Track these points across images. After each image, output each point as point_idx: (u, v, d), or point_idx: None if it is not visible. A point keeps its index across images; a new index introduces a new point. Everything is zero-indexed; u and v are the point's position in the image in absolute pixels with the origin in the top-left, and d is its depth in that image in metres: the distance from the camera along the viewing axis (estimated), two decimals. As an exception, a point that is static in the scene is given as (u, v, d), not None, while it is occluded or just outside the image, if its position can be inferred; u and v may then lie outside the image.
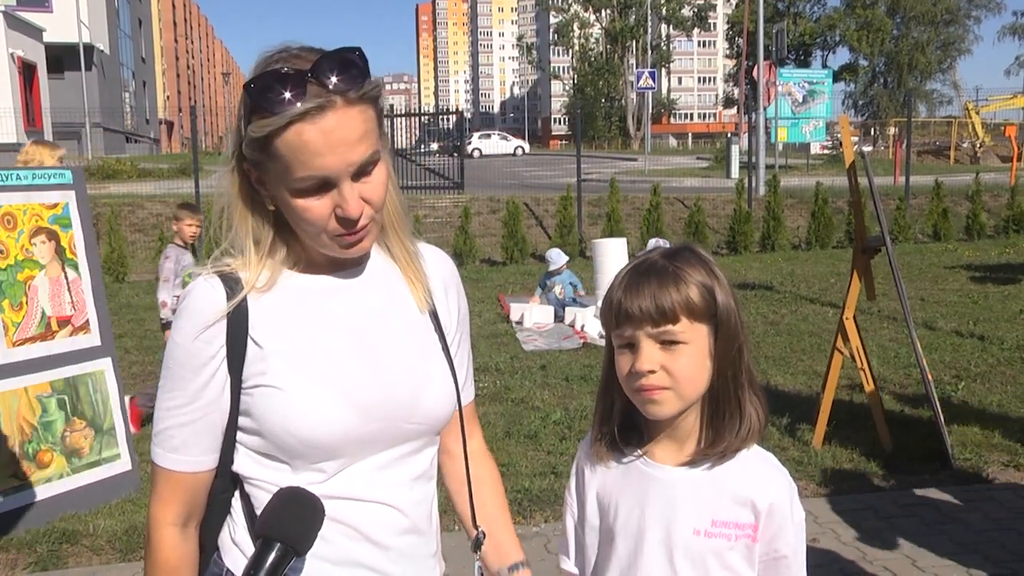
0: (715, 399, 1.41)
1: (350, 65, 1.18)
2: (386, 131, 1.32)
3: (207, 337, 1.24)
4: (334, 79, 1.16)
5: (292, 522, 1.16)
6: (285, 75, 1.16)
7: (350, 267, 1.34)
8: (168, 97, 71.44)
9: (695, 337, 1.35)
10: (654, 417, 1.42)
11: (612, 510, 1.50)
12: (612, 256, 9.07)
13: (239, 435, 1.28)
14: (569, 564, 1.63)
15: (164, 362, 1.28)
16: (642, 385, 1.36)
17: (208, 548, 1.34)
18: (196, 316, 1.25)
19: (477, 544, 1.47)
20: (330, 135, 1.16)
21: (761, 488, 1.43)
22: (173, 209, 6.50)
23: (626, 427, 1.47)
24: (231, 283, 1.26)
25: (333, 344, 1.28)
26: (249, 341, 1.25)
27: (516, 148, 48.95)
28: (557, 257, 9.24)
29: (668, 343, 1.34)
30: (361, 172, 1.21)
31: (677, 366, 1.35)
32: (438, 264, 1.46)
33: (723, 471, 1.45)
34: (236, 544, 1.31)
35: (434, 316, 1.41)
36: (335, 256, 1.28)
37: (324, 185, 1.19)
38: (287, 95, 1.15)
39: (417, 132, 22.36)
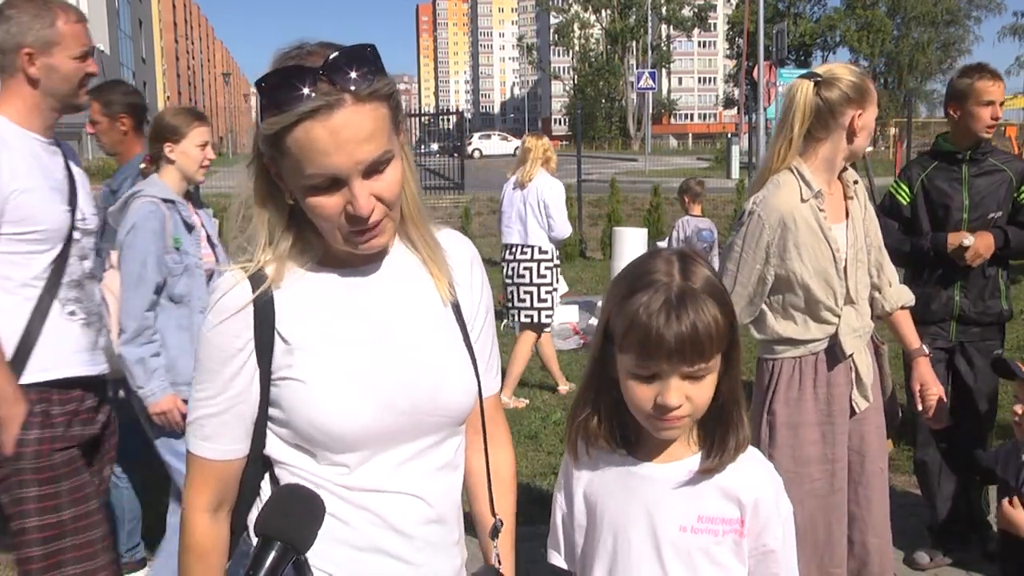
0: (717, 414, 1.41)
1: (362, 62, 1.18)
2: (406, 128, 1.32)
3: (234, 331, 1.27)
4: (344, 76, 1.16)
5: (291, 520, 1.16)
6: (294, 72, 1.15)
7: (372, 261, 1.34)
8: (168, 97, 71.45)
9: (715, 365, 1.36)
10: (666, 439, 1.44)
11: (599, 507, 1.51)
12: (632, 246, 9.06)
13: (270, 424, 1.31)
14: (559, 559, 1.64)
15: (195, 355, 1.32)
16: (666, 417, 1.36)
17: (239, 531, 1.36)
18: (223, 312, 1.27)
19: (495, 532, 1.48)
20: (338, 134, 1.16)
21: (746, 483, 1.44)
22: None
23: (612, 425, 1.48)
24: (257, 278, 1.28)
25: (356, 338, 1.29)
26: (276, 335, 1.27)
27: (516, 149, 48.87)
28: None
29: (695, 377, 1.35)
30: (372, 170, 1.21)
31: (698, 395, 1.36)
32: (460, 249, 1.46)
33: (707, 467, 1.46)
34: None
35: (456, 308, 1.41)
36: (352, 252, 1.29)
37: (334, 183, 1.20)
38: (295, 93, 1.14)
39: (417, 132, 22.36)
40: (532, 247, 5.98)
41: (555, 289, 6.11)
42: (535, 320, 6.04)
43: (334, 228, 1.24)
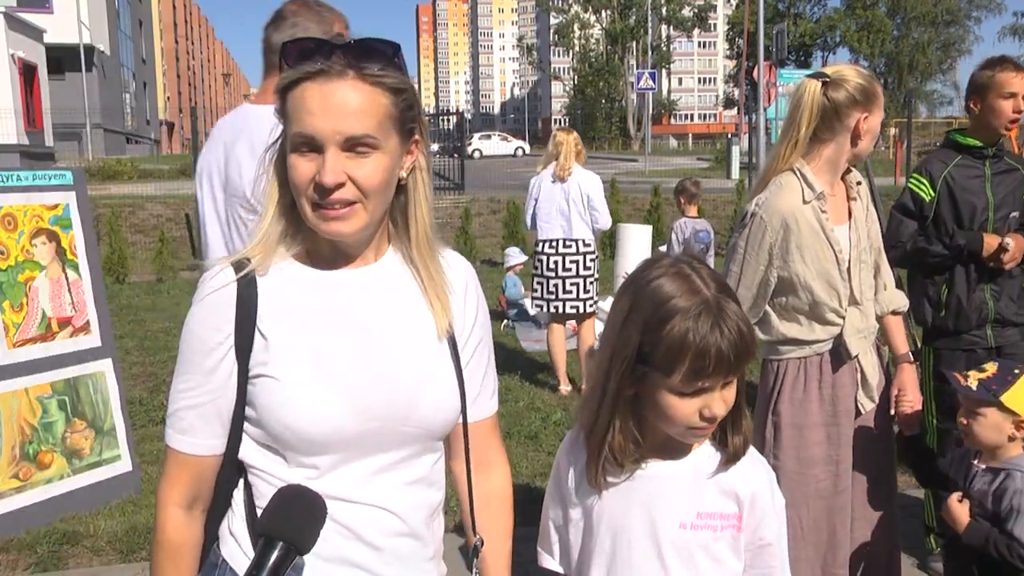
0: (727, 415, 1.43)
1: (377, 51, 1.24)
2: (426, 150, 1.34)
3: (216, 324, 1.27)
4: (357, 56, 1.22)
5: (294, 521, 1.16)
6: (318, 40, 1.23)
7: (360, 264, 1.34)
8: (168, 98, 71.45)
9: None
10: (695, 443, 1.46)
11: (596, 507, 1.51)
12: (636, 242, 9.04)
13: (245, 424, 1.30)
14: (553, 563, 1.64)
15: (179, 346, 1.32)
16: (708, 427, 1.39)
17: (210, 541, 1.36)
18: (206, 304, 1.29)
19: (475, 551, 1.47)
20: (328, 98, 1.21)
21: (742, 478, 1.45)
22: (173, 210, 6.71)
23: (631, 440, 1.47)
24: (243, 272, 1.29)
25: (336, 340, 1.29)
26: (256, 332, 1.28)
27: (516, 149, 48.98)
28: (517, 254, 9.34)
29: (731, 382, 1.38)
30: (352, 148, 1.22)
31: (731, 397, 1.39)
32: (457, 272, 1.45)
33: (705, 463, 1.46)
34: (233, 534, 1.32)
35: (448, 325, 1.40)
36: (324, 236, 1.28)
37: (313, 147, 1.22)
38: (310, 56, 1.21)
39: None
40: (576, 240, 6.04)
41: (597, 279, 6.19)
42: (580, 311, 6.11)
43: (303, 198, 1.25)
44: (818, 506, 2.57)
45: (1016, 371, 2.32)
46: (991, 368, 2.34)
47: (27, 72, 26.79)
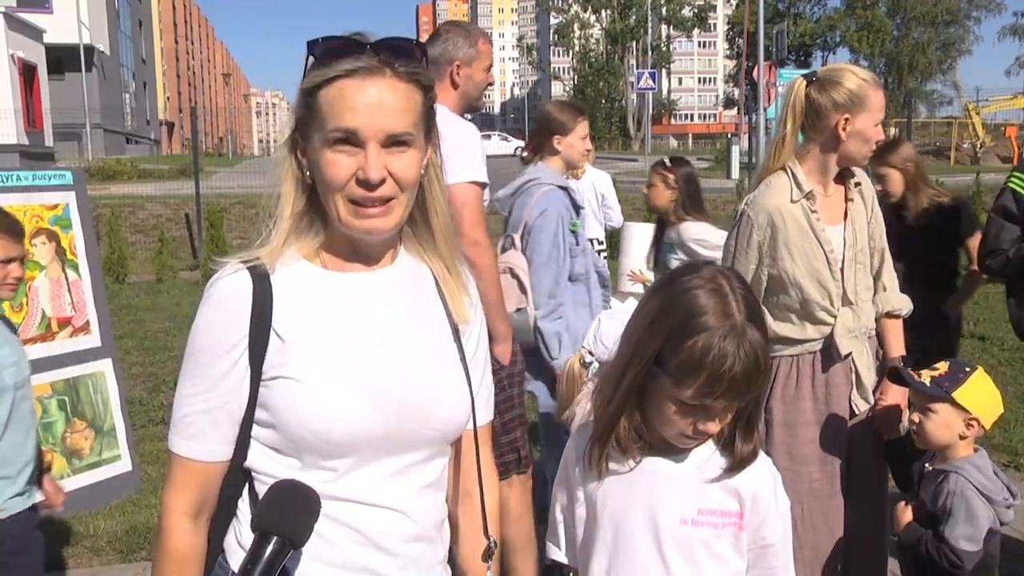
0: (742, 417, 1.45)
1: (406, 49, 1.24)
2: (438, 146, 1.35)
3: (231, 324, 1.25)
4: (390, 54, 1.22)
5: (288, 515, 1.16)
6: (347, 39, 1.22)
7: (375, 266, 1.35)
8: (168, 98, 71.41)
9: None
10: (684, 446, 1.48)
11: (600, 500, 1.52)
12: (639, 241, 8.99)
13: (255, 429, 1.28)
14: (559, 554, 1.65)
15: (186, 348, 1.29)
16: (698, 438, 1.43)
17: (214, 549, 1.33)
18: (220, 305, 1.26)
19: (488, 553, 1.47)
20: (368, 95, 1.21)
21: (745, 476, 1.47)
22: (173, 210, 6.61)
23: (637, 433, 1.49)
24: (257, 273, 1.27)
25: (354, 341, 1.29)
26: (272, 333, 1.26)
27: (516, 149, 48.96)
28: None
29: (731, 407, 1.41)
30: (392, 144, 1.23)
31: (728, 419, 1.42)
32: (469, 274, 1.47)
33: (708, 461, 1.48)
34: (242, 547, 1.30)
35: (455, 330, 1.41)
36: (353, 235, 1.28)
37: (352, 144, 1.22)
38: (342, 54, 1.21)
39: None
40: (591, 240, 6.10)
41: (609, 277, 6.26)
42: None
43: (340, 195, 1.24)
44: (813, 504, 2.58)
45: (967, 369, 2.35)
46: (942, 367, 2.36)
47: (27, 72, 26.77)
